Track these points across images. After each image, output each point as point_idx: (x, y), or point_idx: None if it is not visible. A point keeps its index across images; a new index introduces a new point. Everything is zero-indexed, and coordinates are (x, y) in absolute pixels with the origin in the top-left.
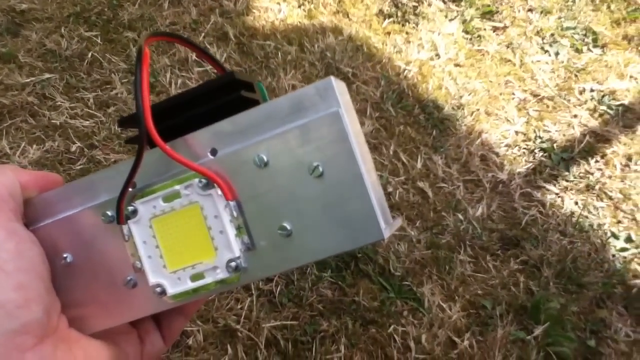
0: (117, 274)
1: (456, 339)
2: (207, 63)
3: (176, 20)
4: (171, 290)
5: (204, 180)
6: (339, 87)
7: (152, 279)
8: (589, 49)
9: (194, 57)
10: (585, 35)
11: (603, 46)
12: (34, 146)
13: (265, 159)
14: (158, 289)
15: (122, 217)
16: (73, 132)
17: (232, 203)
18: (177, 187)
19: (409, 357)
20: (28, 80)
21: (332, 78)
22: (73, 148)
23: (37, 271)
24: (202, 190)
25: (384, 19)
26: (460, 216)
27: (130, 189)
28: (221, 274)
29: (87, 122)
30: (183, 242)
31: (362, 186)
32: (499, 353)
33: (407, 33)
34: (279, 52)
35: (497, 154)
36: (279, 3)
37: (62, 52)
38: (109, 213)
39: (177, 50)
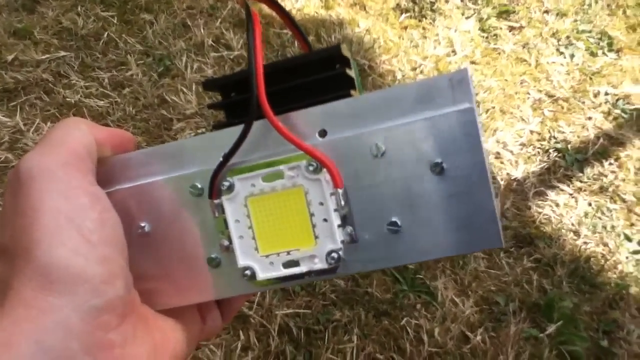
0: (199, 250)
1: (469, 334)
2: (291, 32)
3: (193, 5)
4: (262, 275)
5: (314, 164)
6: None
7: (242, 261)
8: (604, 53)
9: (210, 41)
10: (600, 39)
11: (618, 50)
12: (48, 123)
13: (382, 148)
14: (247, 272)
15: (215, 192)
16: (87, 111)
17: (340, 191)
18: (281, 167)
19: (422, 350)
20: (43, 57)
21: (469, 69)
22: None
23: (119, 243)
24: (310, 175)
25: (401, 14)
26: None
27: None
28: (319, 264)
29: (102, 102)
30: (280, 225)
31: (487, 190)
32: (511, 350)
33: (423, 28)
34: (296, 41)
35: (511, 152)
36: None
37: (78, 31)
38: (198, 185)
39: (194, 35)
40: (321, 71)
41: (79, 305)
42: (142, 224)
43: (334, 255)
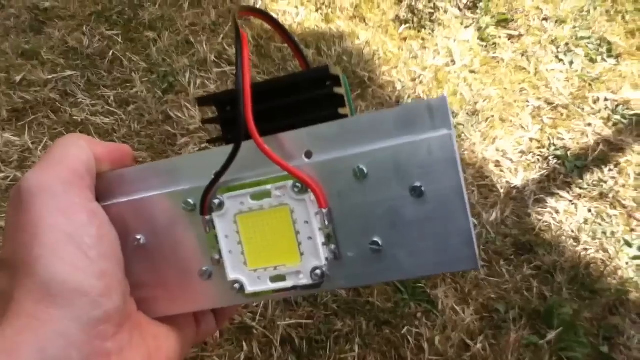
0: (192, 262)
1: (469, 342)
2: (291, 49)
3: (196, 22)
4: (250, 288)
5: (299, 185)
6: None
7: (232, 275)
8: (603, 59)
9: (212, 57)
10: (599, 45)
11: (617, 56)
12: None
13: (365, 171)
14: (236, 285)
15: (206, 209)
16: (93, 128)
17: (324, 211)
18: (268, 186)
19: (422, 358)
20: (50, 76)
21: (446, 96)
22: None
23: (117, 257)
24: (296, 195)
25: (400, 25)
26: (475, 221)
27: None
28: (304, 280)
29: (108, 119)
30: (267, 242)
31: (464, 215)
32: (511, 357)
33: (423, 39)
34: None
35: (511, 160)
36: (296, 7)
37: (83, 50)
38: (191, 201)
39: (197, 51)
40: (309, 91)
41: (78, 316)
42: (138, 237)
43: (318, 271)
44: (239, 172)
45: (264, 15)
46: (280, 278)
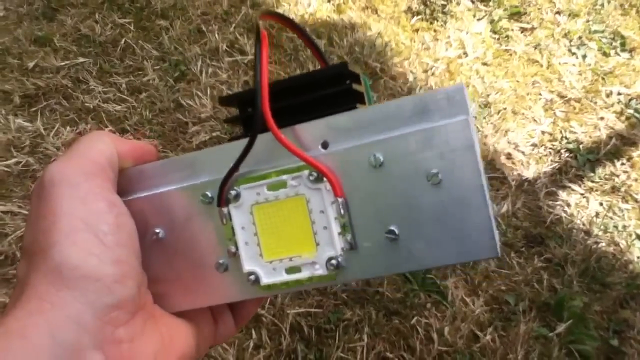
0: (208, 255)
1: (479, 333)
2: (311, 51)
3: (208, 11)
4: (265, 279)
5: (314, 174)
6: (466, 92)
7: (247, 266)
8: (616, 53)
9: (224, 46)
10: (613, 39)
11: (631, 50)
12: (67, 128)
13: (381, 159)
14: (252, 277)
15: (223, 200)
16: (105, 115)
17: (340, 200)
18: (284, 176)
19: (432, 349)
20: (63, 63)
21: (464, 85)
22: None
23: (134, 246)
24: (312, 184)
25: (413, 16)
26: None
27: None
28: (320, 271)
29: (119, 106)
30: (283, 232)
31: (482, 201)
32: (521, 349)
33: (435, 31)
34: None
35: (523, 153)
36: None
37: (96, 38)
38: (209, 194)
39: (208, 40)
40: (329, 87)
41: (91, 301)
42: (157, 230)
43: (334, 262)
44: (255, 164)
45: (285, 19)
46: (296, 269)
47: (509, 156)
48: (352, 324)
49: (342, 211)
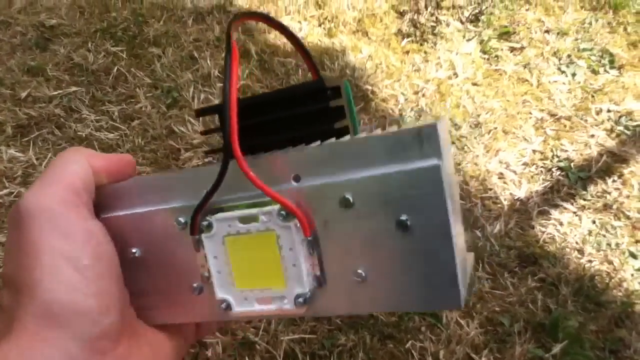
0: (184, 278)
1: (474, 356)
2: (296, 50)
3: (200, 37)
4: (237, 308)
5: (284, 213)
6: (443, 128)
7: (220, 294)
8: (605, 70)
9: (216, 72)
10: (601, 56)
11: (620, 67)
12: None
13: (351, 200)
14: (223, 305)
15: (196, 229)
16: (98, 143)
17: (309, 239)
18: (255, 210)
19: None
20: (55, 93)
21: (438, 123)
22: None
23: (114, 274)
24: (282, 221)
25: (403, 38)
26: (478, 233)
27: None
28: (288, 305)
29: (112, 134)
30: (254, 265)
31: (449, 252)
32: None
33: (425, 52)
34: (300, 69)
35: (514, 172)
36: (299, 22)
37: (88, 66)
38: (182, 220)
39: (200, 66)
40: (305, 104)
41: (78, 335)
42: (134, 250)
43: (301, 299)
44: (229, 192)
45: (264, 17)
46: (266, 301)
47: (500, 176)
48: (346, 350)
49: (311, 250)
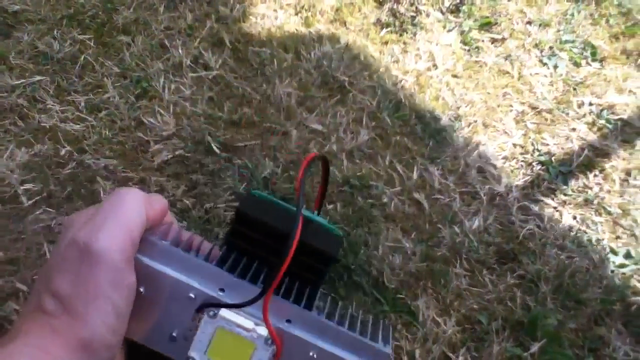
0: (168, 325)
1: (451, 355)
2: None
3: (171, 25)
4: None
5: (270, 342)
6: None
7: (191, 352)
8: (587, 63)
9: (188, 61)
10: (584, 49)
11: (602, 60)
12: (22, 149)
13: (315, 358)
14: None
15: (204, 311)
16: (63, 135)
17: None
18: (252, 325)
19: None
20: (18, 82)
21: (391, 356)
22: (62, 152)
23: (127, 315)
24: (264, 343)
25: (382, 29)
26: (457, 229)
27: (220, 292)
28: None
29: (78, 125)
30: (227, 353)
31: None
32: None
33: (404, 43)
34: (275, 59)
35: (494, 166)
36: (275, 10)
37: (54, 55)
38: (193, 296)
39: (172, 55)
40: (311, 255)
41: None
42: (141, 289)
43: None
44: (240, 296)
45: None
46: None
47: (480, 170)
48: None
49: None
